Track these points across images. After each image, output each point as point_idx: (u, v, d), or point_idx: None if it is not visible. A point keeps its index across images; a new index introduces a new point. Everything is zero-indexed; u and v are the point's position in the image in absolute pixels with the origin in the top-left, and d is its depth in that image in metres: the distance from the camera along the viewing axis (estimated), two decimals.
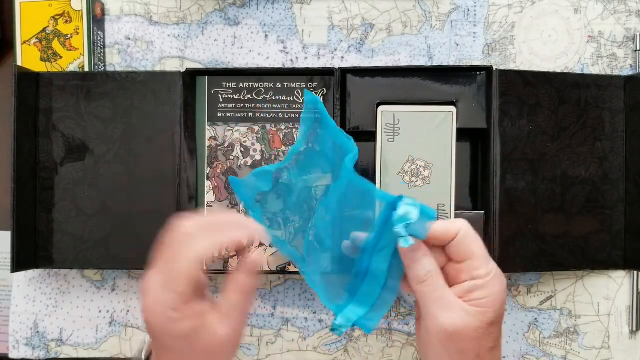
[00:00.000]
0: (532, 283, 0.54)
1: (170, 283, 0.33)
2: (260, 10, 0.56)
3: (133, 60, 0.57)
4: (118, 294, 0.56)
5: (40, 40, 0.55)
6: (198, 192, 0.53)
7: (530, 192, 0.50)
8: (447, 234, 0.34)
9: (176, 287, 0.33)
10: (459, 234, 0.34)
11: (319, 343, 0.55)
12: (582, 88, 0.51)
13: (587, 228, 0.51)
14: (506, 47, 0.55)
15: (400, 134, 0.51)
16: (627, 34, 0.55)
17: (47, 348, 0.56)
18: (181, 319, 0.32)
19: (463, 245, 0.34)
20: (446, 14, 0.55)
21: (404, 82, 0.51)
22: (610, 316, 0.54)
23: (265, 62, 0.56)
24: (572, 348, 0.54)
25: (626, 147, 0.52)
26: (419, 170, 0.50)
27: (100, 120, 0.52)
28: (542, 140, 0.50)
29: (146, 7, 0.57)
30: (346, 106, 0.51)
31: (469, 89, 0.50)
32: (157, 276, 0.34)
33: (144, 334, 0.56)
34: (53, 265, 0.52)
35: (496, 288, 0.34)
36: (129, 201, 0.52)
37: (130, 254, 0.52)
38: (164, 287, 0.33)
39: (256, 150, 0.53)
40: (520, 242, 0.50)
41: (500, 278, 0.34)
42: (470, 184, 0.53)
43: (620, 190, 0.52)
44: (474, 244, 0.34)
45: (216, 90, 0.53)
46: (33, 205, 0.52)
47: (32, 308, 0.56)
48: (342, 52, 0.56)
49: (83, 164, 0.52)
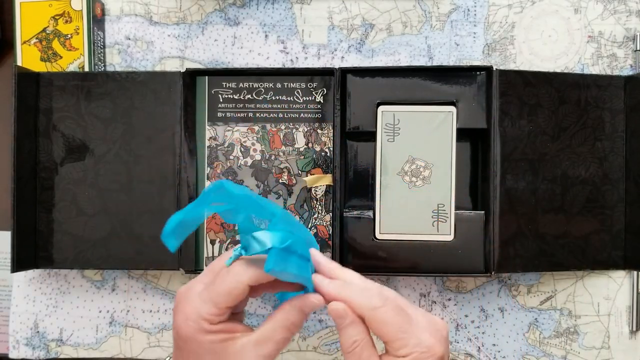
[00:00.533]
0: (532, 283, 0.54)
1: (213, 295, 0.33)
2: (260, 10, 0.56)
3: (133, 60, 0.57)
4: (118, 294, 0.56)
5: (40, 40, 0.55)
6: (198, 192, 0.53)
7: (530, 192, 0.50)
8: (353, 310, 0.33)
9: (217, 300, 0.33)
10: (365, 318, 0.33)
11: (319, 343, 0.55)
12: (582, 88, 0.51)
13: (587, 228, 0.51)
14: (506, 47, 0.55)
15: (400, 134, 0.51)
16: (627, 34, 0.55)
17: (47, 348, 0.56)
18: (214, 331, 0.33)
19: (374, 329, 0.33)
20: (446, 14, 0.55)
21: (404, 82, 0.51)
22: (610, 316, 0.54)
23: (265, 62, 0.56)
24: (572, 348, 0.54)
25: (626, 147, 0.52)
26: (419, 170, 0.50)
27: (100, 120, 0.52)
28: (542, 140, 0.50)
29: (146, 7, 0.57)
30: (346, 106, 0.51)
31: (469, 89, 0.50)
32: (201, 285, 0.34)
33: (144, 334, 0.56)
34: (53, 265, 0.52)
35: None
36: (129, 201, 0.52)
37: (130, 254, 0.52)
38: (206, 298, 0.33)
39: (256, 150, 0.53)
40: (520, 242, 0.50)
41: (429, 352, 0.32)
42: (470, 184, 0.53)
43: (620, 190, 0.52)
44: (385, 326, 0.33)
45: (216, 90, 0.53)
46: (33, 205, 0.52)
47: (32, 308, 0.56)
48: (342, 52, 0.56)
49: (83, 164, 0.52)
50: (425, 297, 0.55)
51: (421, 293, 0.55)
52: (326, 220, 0.52)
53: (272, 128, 0.53)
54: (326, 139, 0.52)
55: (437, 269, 0.50)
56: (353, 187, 0.53)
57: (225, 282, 0.33)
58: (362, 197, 0.53)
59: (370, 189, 0.52)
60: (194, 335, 0.33)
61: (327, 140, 0.52)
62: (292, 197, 0.52)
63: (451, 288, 0.54)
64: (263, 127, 0.53)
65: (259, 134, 0.53)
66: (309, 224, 0.52)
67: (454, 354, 0.54)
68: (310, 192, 0.52)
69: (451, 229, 0.50)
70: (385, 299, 0.33)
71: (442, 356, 0.33)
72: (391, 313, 0.33)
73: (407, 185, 0.51)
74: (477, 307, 0.54)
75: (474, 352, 0.54)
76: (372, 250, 0.50)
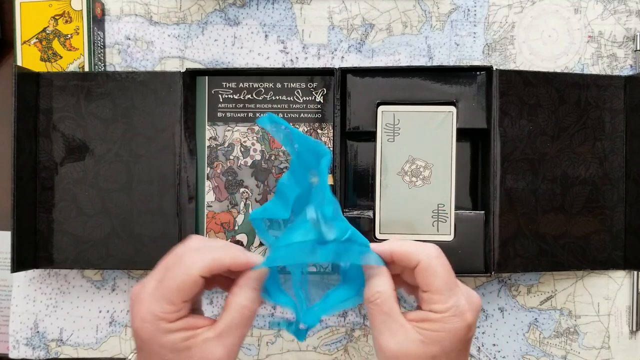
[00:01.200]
0: (532, 283, 0.54)
1: (165, 292, 0.32)
2: (260, 10, 0.56)
3: (133, 60, 0.57)
4: (118, 294, 0.56)
5: (40, 40, 0.55)
6: (198, 192, 0.53)
7: (530, 192, 0.50)
8: (408, 261, 0.34)
9: (170, 297, 0.32)
10: (419, 264, 0.33)
11: (319, 343, 0.55)
12: (582, 88, 0.51)
13: (587, 228, 0.51)
14: (506, 47, 0.55)
15: (400, 134, 0.51)
16: (627, 34, 0.55)
17: (47, 348, 0.56)
18: (172, 330, 0.32)
19: (423, 277, 0.33)
20: (446, 14, 0.55)
21: (404, 82, 0.51)
22: (610, 316, 0.54)
23: (265, 62, 0.56)
24: (572, 348, 0.54)
25: (626, 147, 0.52)
26: (419, 170, 0.50)
27: (101, 120, 0.52)
28: (542, 140, 0.50)
29: (146, 7, 0.57)
30: (346, 106, 0.51)
31: (469, 89, 0.50)
32: (152, 283, 0.33)
33: None
34: (53, 265, 0.52)
35: (450, 326, 0.32)
36: (129, 201, 0.52)
37: (130, 254, 0.52)
38: (158, 296, 0.32)
39: (256, 150, 0.53)
40: (520, 242, 0.50)
41: (461, 316, 0.33)
42: (470, 184, 0.53)
43: (620, 190, 0.52)
44: (434, 277, 0.33)
45: (216, 90, 0.53)
46: (33, 205, 0.52)
47: (32, 308, 0.56)
48: (342, 52, 0.56)
49: (83, 164, 0.52)
50: None
51: None
52: None
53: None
54: (326, 139, 0.52)
55: None
56: (353, 187, 0.53)
57: (175, 276, 0.32)
58: (362, 197, 0.53)
59: (370, 189, 0.52)
60: (153, 336, 0.31)
61: (327, 140, 0.52)
62: None
63: None
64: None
65: (259, 134, 0.53)
66: None
67: None
68: None
69: (451, 229, 0.50)
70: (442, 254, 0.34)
71: (471, 324, 0.33)
72: (444, 268, 0.34)
73: (407, 185, 0.51)
74: None
75: (474, 352, 0.54)
76: None
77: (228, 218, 0.53)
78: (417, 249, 0.34)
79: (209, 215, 0.53)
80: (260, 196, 0.53)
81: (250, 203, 0.53)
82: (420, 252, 0.34)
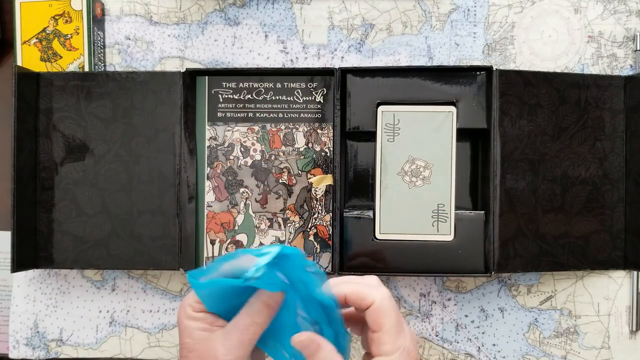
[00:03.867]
0: (532, 283, 0.54)
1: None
2: (260, 10, 0.56)
3: (133, 60, 0.57)
4: (118, 294, 0.56)
5: (40, 40, 0.55)
6: (198, 192, 0.53)
7: (530, 192, 0.50)
8: (361, 302, 0.34)
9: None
10: (373, 305, 0.34)
11: None
12: (582, 88, 0.51)
13: (587, 228, 0.51)
14: (506, 47, 0.55)
15: (400, 134, 0.51)
16: (627, 34, 0.55)
17: (47, 348, 0.56)
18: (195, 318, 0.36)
19: (375, 317, 0.34)
20: (446, 14, 0.55)
21: (404, 82, 0.51)
22: (610, 316, 0.54)
23: (265, 62, 0.56)
24: (572, 348, 0.54)
25: (626, 147, 0.52)
26: (419, 170, 0.50)
27: (101, 120, 0.52)
28: (542, 140, 0.50)
29: (146, 7, 0.57)
30: (346, 106, 0.51)
31: (469, 89, 0.50)
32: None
33: (144, 334, 0.56)
34: (53, 265, 0.52)
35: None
36: (129, 201, 0.52)
37: (130, 254, 0.52)
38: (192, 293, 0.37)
39: (256, 150, 0.53)
40: (520, 242, 0.50)
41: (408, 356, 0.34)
42: (470, 184, 0.53)
43: (620, 190, 0.52)
44: (386, 317, 0.34)
45: (216, 90, 0.53)
46: (33, 205, 0.52)
47: (32, 308, 0.56)
48: (342, 52, 0.56)
49: (83, 164, 0.52)
50: (425, 297, 0.55)
51: (421, 293, 0.55)
52: (326, 220, 0.52)
53: (272, 128, 0.53)
54: (326, 139, 0.52)
55: (437, 269, 0.50)
56: (353, 187, 0.53)
57: None
58: (362, 197, 0.53)
59: (370, 189, 0.52)
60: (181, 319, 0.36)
61: (327, 140, 0.52)
62: (292, 197, 0.52)
63: (451, 288, 0.54)
64: (263, 127, 0.53)
65: (259, 134, 0.53)
66: (309, 223, 0.52)
67: (454, 354, 0.54)
68: (310, 192, 0.52)
69: (451, 229, 0.50)
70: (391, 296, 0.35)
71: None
72: (395, 309, 0.35)
73: (407, 185, 0.51)
74: (477, 307, 0.54)
75: (474, 352, 0.54)
76: (372, 250, 0.50)
77: (228, 218, 0.53)
78: (371, 291, 0.35)
79: (209, 215, 0.53)
80: (260, 196, 0.53)
81: (250, 203, 0.53)
82: (374, 294, 0.35)
